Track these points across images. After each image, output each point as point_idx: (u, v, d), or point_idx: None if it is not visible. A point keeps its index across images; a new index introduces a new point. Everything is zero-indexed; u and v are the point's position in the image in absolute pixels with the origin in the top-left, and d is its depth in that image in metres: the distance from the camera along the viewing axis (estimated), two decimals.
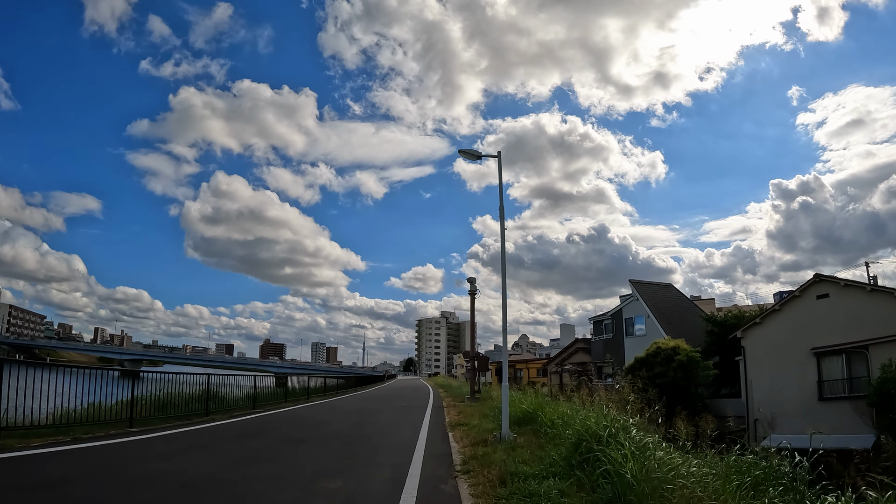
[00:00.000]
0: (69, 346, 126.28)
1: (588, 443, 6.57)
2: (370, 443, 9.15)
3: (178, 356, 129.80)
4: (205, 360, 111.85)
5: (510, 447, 7.91)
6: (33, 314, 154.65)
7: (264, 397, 17.51)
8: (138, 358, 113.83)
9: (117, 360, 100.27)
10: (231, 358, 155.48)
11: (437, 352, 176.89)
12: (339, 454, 7.90)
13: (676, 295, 36.16)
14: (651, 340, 29.39)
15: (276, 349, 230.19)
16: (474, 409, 16.16)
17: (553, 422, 9.36)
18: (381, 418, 13.93)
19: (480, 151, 11.11)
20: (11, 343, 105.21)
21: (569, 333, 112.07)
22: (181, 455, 7.36)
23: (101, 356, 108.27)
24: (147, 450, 7.77)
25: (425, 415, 14.92)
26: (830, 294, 20.41)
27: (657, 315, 30.66)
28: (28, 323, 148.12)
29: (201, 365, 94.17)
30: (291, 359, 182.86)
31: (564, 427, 8.29)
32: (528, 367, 66.96)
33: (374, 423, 12.73)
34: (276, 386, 21.70)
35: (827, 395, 19.93)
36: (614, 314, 34.41)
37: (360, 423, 12.45)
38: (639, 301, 31.98)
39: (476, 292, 22.55)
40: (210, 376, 13.63)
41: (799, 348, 20.61)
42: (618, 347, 33.22)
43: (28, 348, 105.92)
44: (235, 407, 14.93)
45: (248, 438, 9.37)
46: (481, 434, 9.66)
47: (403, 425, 12.15)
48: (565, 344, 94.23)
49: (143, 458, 7.04)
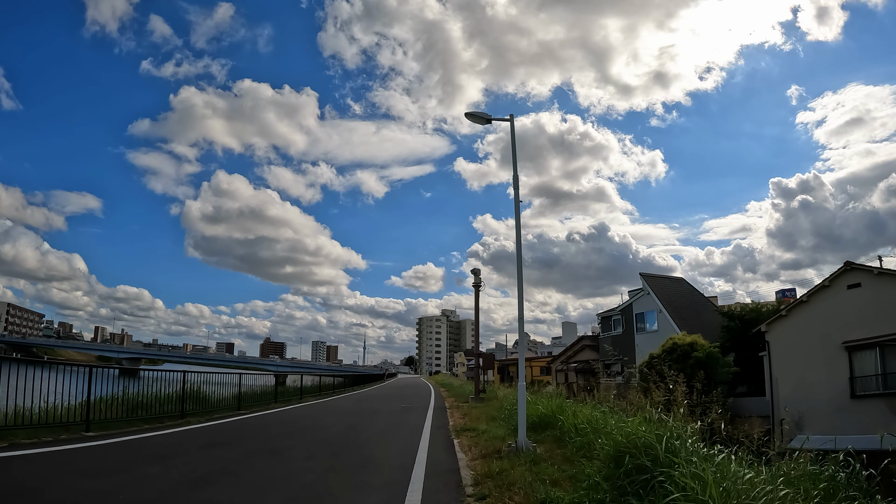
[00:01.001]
0: (68, 344, 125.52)
1: (636, 458, 5.13)
2: (361, 454, 7.70)
3: (178, 354, 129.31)
4: (205, 359, 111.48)
5: (531, 460, 6.47)
6: (32, 313, 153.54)
7: (252, 397, 16.07)
8: (137, 356, 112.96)
9: (115, 359, 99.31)
10: (231, 356, 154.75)
11: (437, 350, 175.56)
12: (322, 470, 6.45)
13: (688, 289, 34.63)
14: (663, 336, 27.96)
15: (277, 348, 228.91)
16: (480, 410, 14.74)
17: (577, 427, 7.92)
18: (377, 422, 12.46)
19: (490, 116, 9.65)
20: (9, 341, 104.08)
21: (571, 331, 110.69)
22: (128, 469, 5.94)
23: (100, 355, 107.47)
24: (91, 461, 6.44)
25: (426, 417, 13.49)
26: (862, 283, 18.90)
27: (670, 310, 29.16)
28: (26, 321, 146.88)
29: (201, 363, 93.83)
30: (292, 357, 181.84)
31: (595, 434, 6.84)
32: (531, 366, 65.54)
33: (369, 427, 11.28)
34: (275, 384, 21.36)
35: (859, 393, 18.46)
36: (624, 309, 32.88)
37: (353, 428, 11.00)
38: (650, 295, 30.46)
39: (480, 285, 21.06)
40: (186, 374, 12.17)
41: (829, 342, 19.12)
42: (628, 344, 31.72)
43: (25, 347, 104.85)
44: (218, 408, 13.51)
45: (218, 447, 7.93)
46: (492, 442, 8.21)
47: (402, 430, 10.70)
48: (567, 342, 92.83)
49: (79, 472, 5.65)
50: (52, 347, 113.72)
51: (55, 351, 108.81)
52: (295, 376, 25.00)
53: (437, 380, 70.25)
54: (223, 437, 9.07)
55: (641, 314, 31.13)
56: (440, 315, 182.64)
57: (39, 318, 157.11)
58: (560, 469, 5.94)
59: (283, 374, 25.79)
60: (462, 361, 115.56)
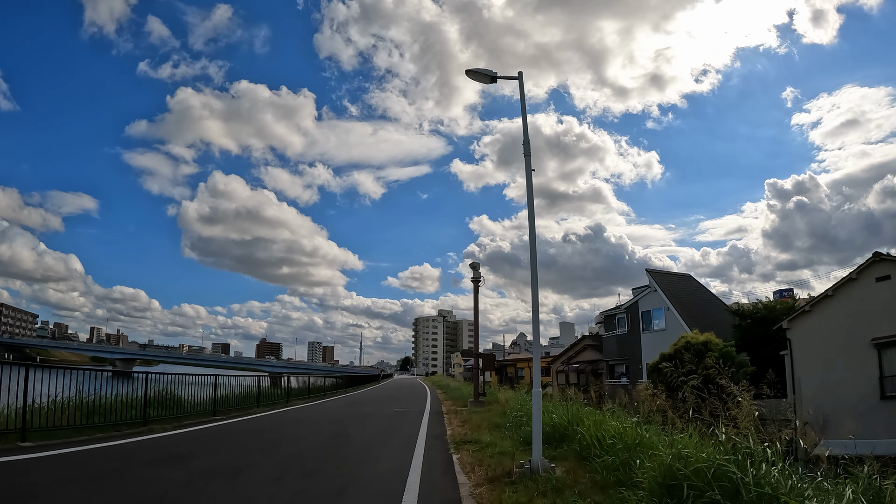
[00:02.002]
0: (61, 345, 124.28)
1: (701, 489, 3.77)
2: (341, 474, 6.29)
3: (173, 355, 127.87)
4: (200, 360, 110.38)
5: (552, 487, 5.08)
6: (25, 313, 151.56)
7: (232, 401, 14.62)
8: (130, 357, 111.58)
9: (109, 360, 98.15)
10: (226, 357, 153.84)
11: (434, 351, 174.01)
12: (287, 499, 5.05)
13: (696, 286, 33.25)
14: (672, 335, 26.65)
15: (273, 348, 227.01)
16: (481, 416, 13.32)
17: (602, 441, 6.55)
18: (365, 430, 11.03)
19: (495, 73, 8.29)
20: (1, 342, 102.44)
21: (569, 331, 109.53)
22: (38, 496, 4.56)
23: (94, 355, 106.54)
24: (5, 480, 5.06)
25: (422, 425, 12.06)
26: (892, 276, 17.57)
27: (678, 307, 27.78)
28: (19, 322, 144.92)
29: (196, 364, 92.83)
30: (288, 358, 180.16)
31: (630, 453, 5.47)
32: (530, 367, 64.20)
33: (355, 436, 9.86)
34: (258, 386, 20.54)
35: (890, 393, 17.13)
36: (629, 307, 31.46)
37: (337, 438, 9.59)
38: (657, 292, 29.07)
39: (480, 280, 19.59)
40: (148, 374, 10.78)
41: (856, 339, 17.78)
42: (633, 343, 30.37)
43: (18, 347, 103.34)
44: (190, 414, 12.12)
45: (169, 465, 6.51)
46: (500, 460, 6.81)
47: (393, 441, 9.29)
48: (566, 342, 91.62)
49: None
50: (44, 348, 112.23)
51: (48, 352, 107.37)
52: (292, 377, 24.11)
53: (433, 381, 68.75)
54: (181, 449, 7.68)
55: (648, 312, 29.73)
56: (437, 315, 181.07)
57: (33, 318, 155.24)
58: (592, 501, 4.57)
59: (278, 375, 25.64)
60: (459, 362, 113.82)
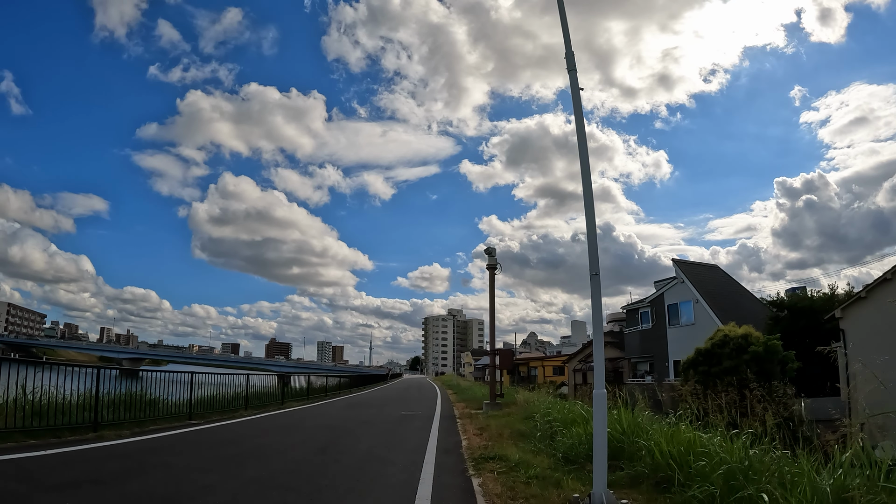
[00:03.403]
0: (70, 344, 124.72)
1: None
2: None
3: (183, 355, 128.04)
4: (209, 360, 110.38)
5: None
6: (33, 313, 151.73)
7: (214, 404, 12.77)
8: (138, 357, 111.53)
9: (116, 359, 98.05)
10: (236, 357, 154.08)
11: (444, 350, 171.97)
12: None
13: (724, 277, 31.00)
14: (701, 330, 24.56)
15: (282, 348, 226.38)
16: (500, 421, 11.33)
17: (684, 461, 4.63)
18: (362, 441, 9.09)
19: None
20: (8, 342, 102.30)
21: (581, 330, 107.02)
22: None
23: (102, 355, 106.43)
24: None
25: (431, 433, 10.11)
26: None
27: (707, 299, 25.63)
28: (27, 322, 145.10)
29: (206, 364, 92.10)
30: (297, 358, 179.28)
31: (743, 483, 3.55)
32: (543, 365, 62.08)
33: (348, 450, 7.96)
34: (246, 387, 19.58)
35: None
36: (654, 300, 29.27)
37: (325, 452, 7.70)
38: (684, 284, 26.90)
39: (497, 267, 17.47)
40: (100, 370, 8.98)
41: None
42: (658, 339, 28.23)
43: (25, 347, 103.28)
44: (161, 416, 10.34)
45: (79, 491, 4.63)
46: (541, 490, 4.87)
47: (394, 458, 7.35)
48: (577, 341, 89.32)
49: None
50: (52, 348, 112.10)
51: (55, 351, 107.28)
52: (299, 377, 23.80)
53: (443, 381, 66.81)
54: (114, 467, 5.82)
55: (674, 305, 27.55)
56: (446, 315, 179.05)
57: (41, 318, 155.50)
58: None
59: (287, 375, 25.00)
60: (469, 361, 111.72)
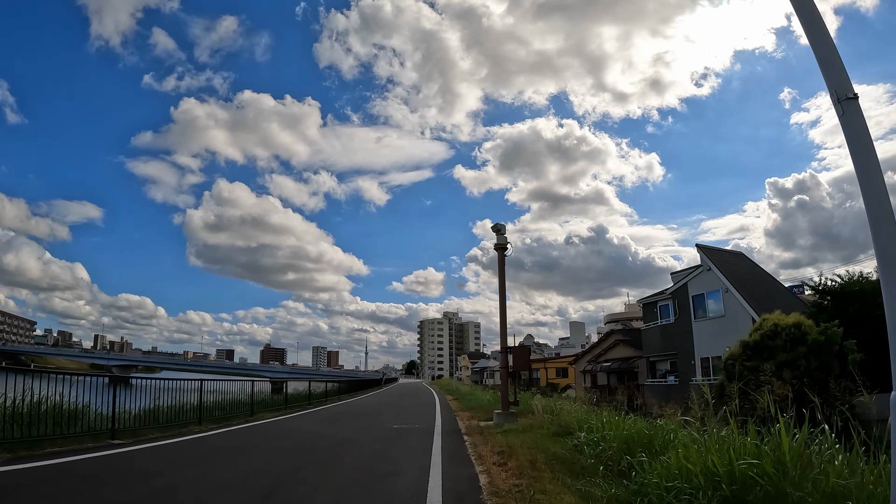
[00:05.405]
0: (60, 352, 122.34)
1: None
2: None
3: (176, 361, 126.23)
4: (204, 366, 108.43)
5: None
6: (23, 320, 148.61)
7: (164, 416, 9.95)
8: (128, 364, 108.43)
9: (107, 367, 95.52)
10: (230, 363, 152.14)
11: (440, 354, 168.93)
12: None
13: (751, 265, 28.31)
14: (733, 322, 21.89)
15: (277, 354, 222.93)
16: (525, 439, 8.44)
17: None
18: (334, 476, 6.27)
19: None
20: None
21: (579, 331, 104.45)
22: None
23: (93, 363, 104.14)
24: None
25: (432, 458, 7.29)
26: None
27: (738, 288, 22.88)
28: (16, 329, 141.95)
29: (199, 371, 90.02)
30: (292, 363, 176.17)
31: None
32: (546, 367, 59.22)
33: (303, 500, 5.08)
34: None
35: None
36: (675, 291, 26.44)
37: (270, 497, 4.83)
38: (711, 271, 24.13)
39: (507, 247, 14.52)
40: (25, 377, 6.33)
41: None
42: (682, 335, 25.44)
43: (13, 354, 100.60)
44: (77, 434, 7.52)
45: None
46: None
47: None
48: (576, 342, 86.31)
49: None
50: (40, 355, 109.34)
51: (45, 359, 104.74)
52: (297, 383, 23.76)
53: (441, 385, 63.55)
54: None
55: (700, 296, 24.78)
56: (442, 318, 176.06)
57: (31, 325, 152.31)
58: None
59: (280, 381, 24.88)
60: (466, 364, 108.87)
